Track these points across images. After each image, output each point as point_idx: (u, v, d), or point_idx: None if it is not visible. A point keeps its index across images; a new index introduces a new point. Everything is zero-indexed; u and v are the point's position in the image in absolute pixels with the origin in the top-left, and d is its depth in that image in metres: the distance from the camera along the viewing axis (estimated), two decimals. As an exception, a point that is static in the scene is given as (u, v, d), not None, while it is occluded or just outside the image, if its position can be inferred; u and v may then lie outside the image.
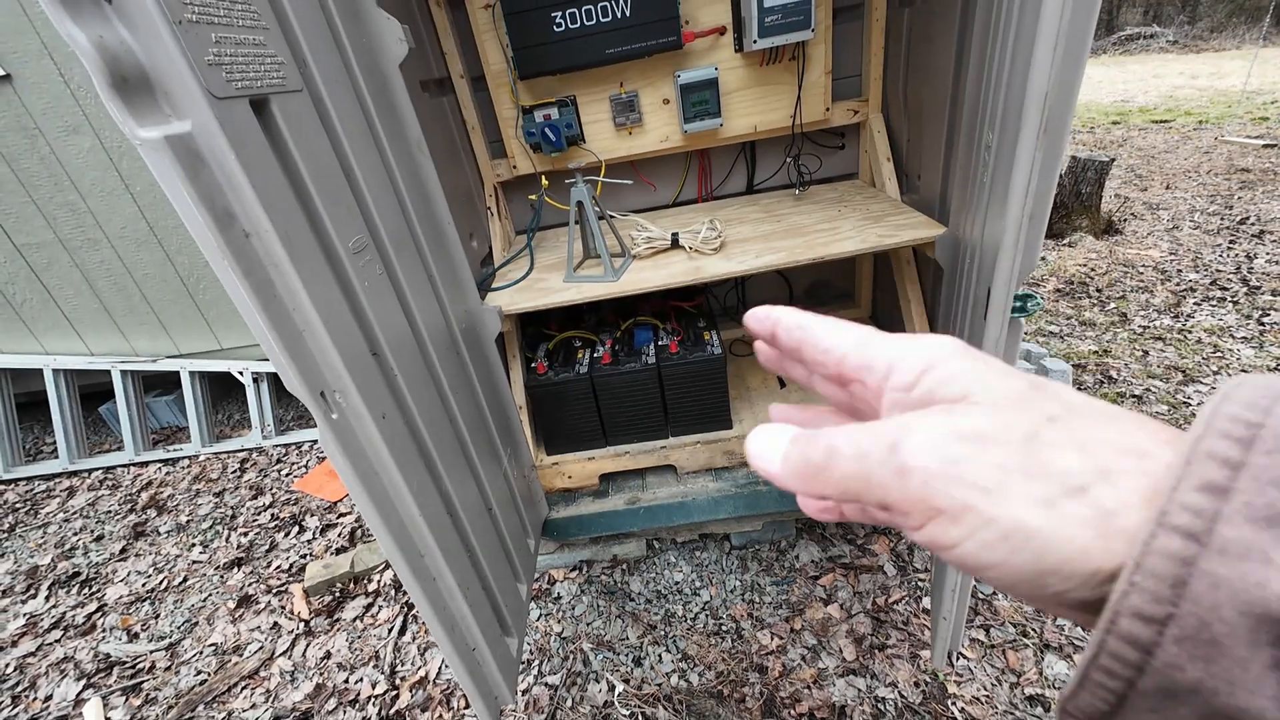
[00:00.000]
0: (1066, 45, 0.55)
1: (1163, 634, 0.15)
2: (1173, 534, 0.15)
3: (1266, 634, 0.14)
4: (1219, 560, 0.15)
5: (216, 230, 0.57)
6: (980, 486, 0.18)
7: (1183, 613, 0.15)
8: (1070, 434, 0.18)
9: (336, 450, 0.72)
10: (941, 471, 0.19)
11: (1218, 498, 0.15)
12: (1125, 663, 0.16)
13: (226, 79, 0.59)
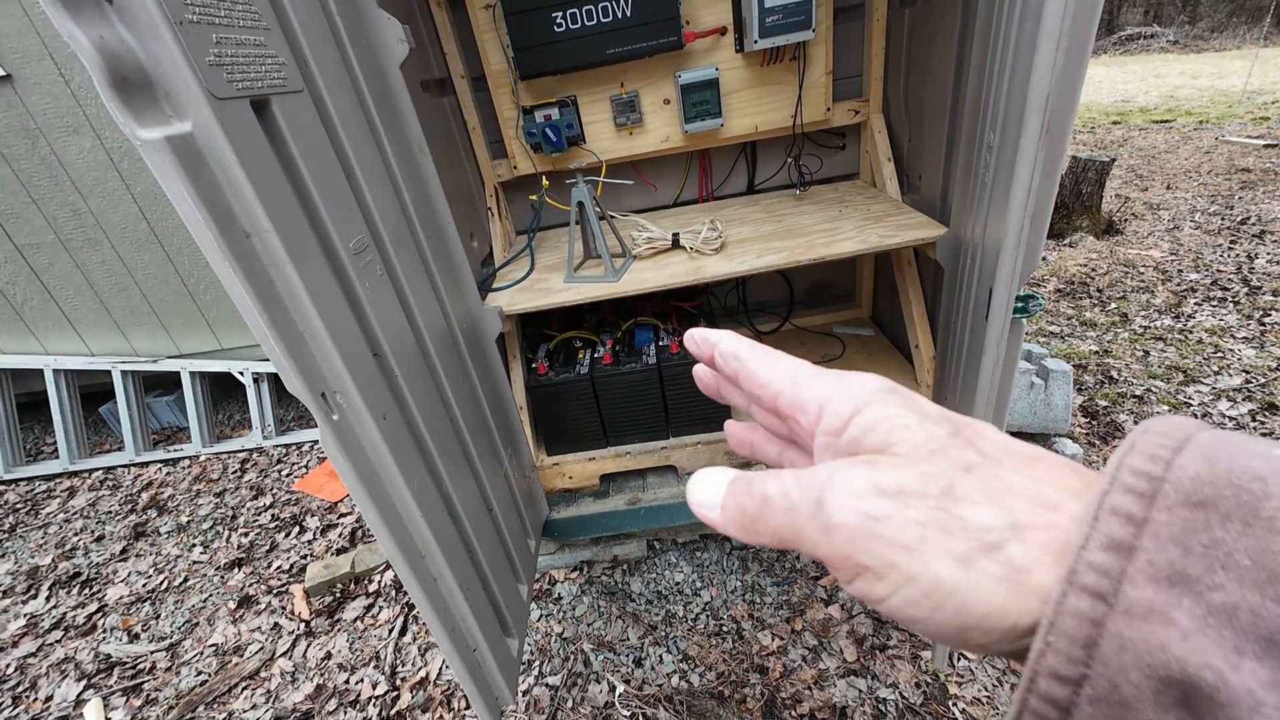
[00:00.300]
0: (1068, 48, 0.54)
1: (1078, 694, 0.15)
2: (1082, 594, 0.15)
3: (1170, 696, 0.14)
4: (1124, 621, 0.15)
5: (217, 231, 0.57)
6: (901, 544, 0.18)
7: (1095, 674, 0.15)
8: (985, 485, 0.19)
9: (337, 451, 0.72)
10: (864, 529, 0.19)
11: (1122, 556, 0.15)
12: (1040, 715, 0.16)
13: (227, 79, 0.59)
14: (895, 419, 0.21)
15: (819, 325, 1.98)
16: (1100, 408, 2.01)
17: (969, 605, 0.17)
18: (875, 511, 0.19)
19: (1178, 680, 0.14)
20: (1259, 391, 1.97)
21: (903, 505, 0.18)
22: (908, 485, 0.19)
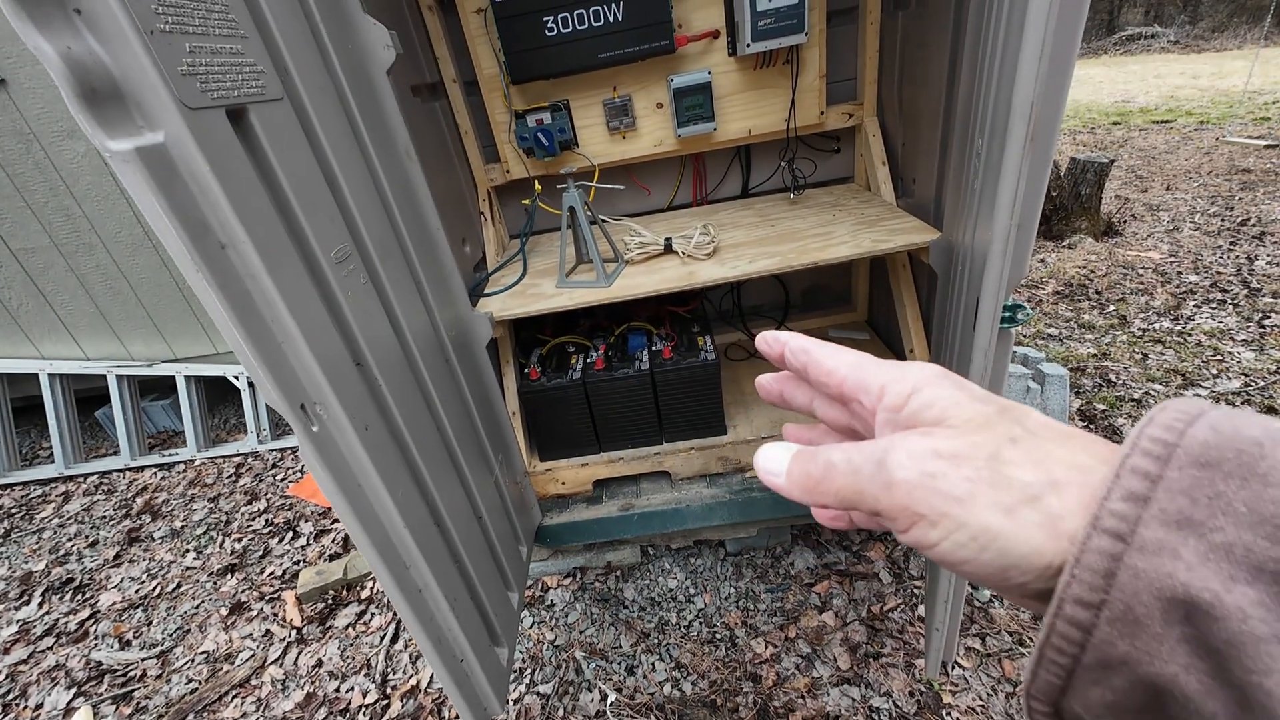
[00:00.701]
0: (1052, 55, 0.53)
1: (1098, 616, 0.18)
2: (1104, 535, 0.18)
3: (1176, 614, 0.17)
4: (1139, 556, 0.17)
5: (190, 242, 0.56)
6: (954, 496, 0.21)
7: (1112, 599, 0.18)
8: (1027, 453, 0.22)
9: (317, 463, 0.71)
10: (921, 484, 0.22)
11: (1139, 505, 0.18)
12: (1070, 641, 0.19)
13: (201, 89, 0.58)
14: (949, 398, 0.24)
15: (814, 329, 1.97)
16: (1098, 411, 2.00)
17: (1012, 547, 0.20)
18: (931, 469, 0.22)
19: (1182, 600, 0.17)
20: (1258, 395, 1.96)
21: (956, 465, 0.22)
22: (960, 450, 0.22)
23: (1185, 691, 0.17)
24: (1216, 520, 0.17)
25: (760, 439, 1.52)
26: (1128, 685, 0.18)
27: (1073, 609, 0.18)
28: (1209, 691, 0.16)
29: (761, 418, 1.59)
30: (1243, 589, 0.16)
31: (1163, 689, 0.17)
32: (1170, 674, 0.17)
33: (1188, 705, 0.17)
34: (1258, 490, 0.17)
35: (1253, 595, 0.16)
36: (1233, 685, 0.16)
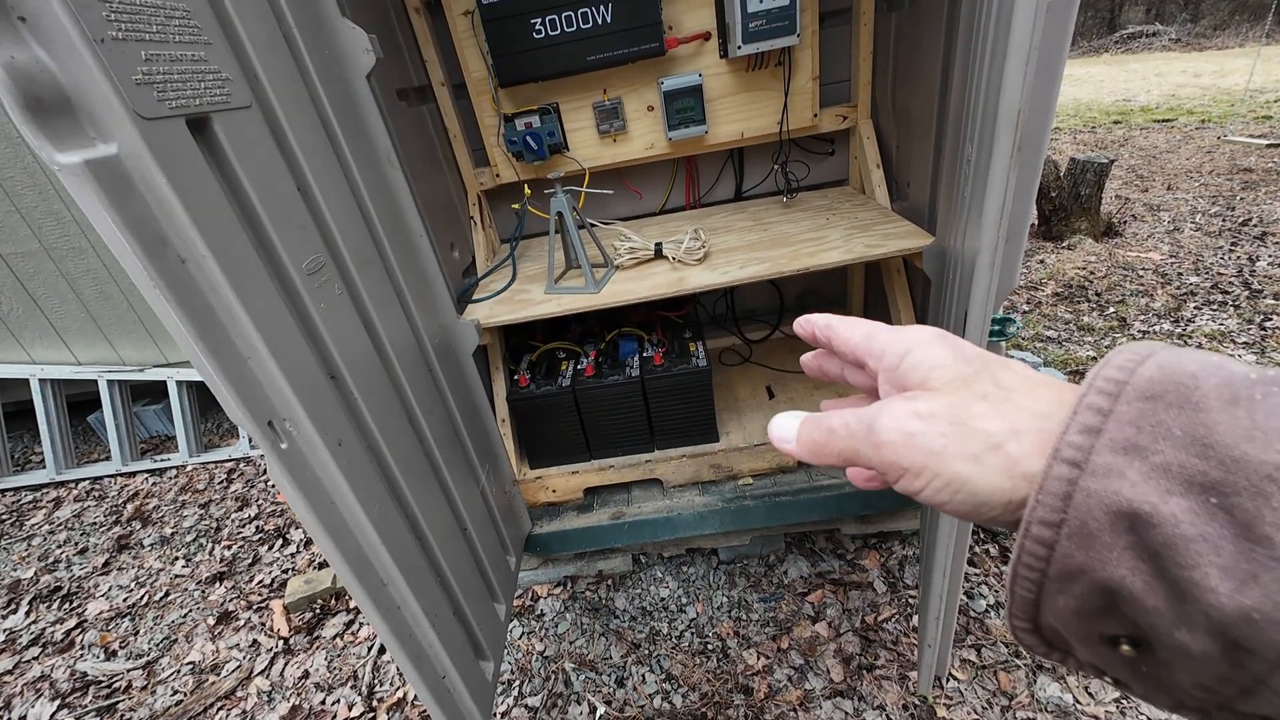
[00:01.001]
0: (1040, 61, 0.51)
1: (1059, 533, 0.21)
2: (1062, 463, 0.21)
3: (1122, 525, 0.19)
4: (1092, 479, 0.20)
5: (145, 257, 0.54)
6: (930, 450, 0.25)
7: (1070, 517, 0.20)
8: (995, 406, 0.25)
9: (286, 482, 0.69)
10: (904, 443, 0.25)
11: (1092, 436, 0.20)
12: (1038, 557, 0.21)
13: (158, 98, 0.56)
14: (934, 359, 0.27)
15: (809, 333, 1.95)
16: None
17: (979, 489, 0.24)
18: (911, 429, 0.25)
19: (1127, 513, 0.19)
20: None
21: (932, 424, 0.25)
22: (937, 410, 0.25)
23: (1132, 590, 0.19)
24: (1157, 445, 0.19)
25: (753, 446, 1.50)
26: (1087, 590, 0.21)
27: (1038, 529, 0.21)
28: (1150, 588, 0.19)
29: (754, 424, 1.57)
30: (1176, 500, 0.18)
31: (1115, 590, 0.20)
32: (1119, 577, 0.20)
33: (1134, 602, 0.19)
34: (1191, 416, 0.19)
35: (1184, 504, 0.18)
36: (1168, 580, 0.19)
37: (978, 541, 1.58)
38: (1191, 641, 0.18)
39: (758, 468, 1.51)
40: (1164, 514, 0.18)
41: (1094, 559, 0.20)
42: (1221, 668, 0.18)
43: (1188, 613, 0.18)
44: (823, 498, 1.44)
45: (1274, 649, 0.17)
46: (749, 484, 1.51)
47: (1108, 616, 0.21)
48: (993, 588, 1.46)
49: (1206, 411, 0.19)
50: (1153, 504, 0.19)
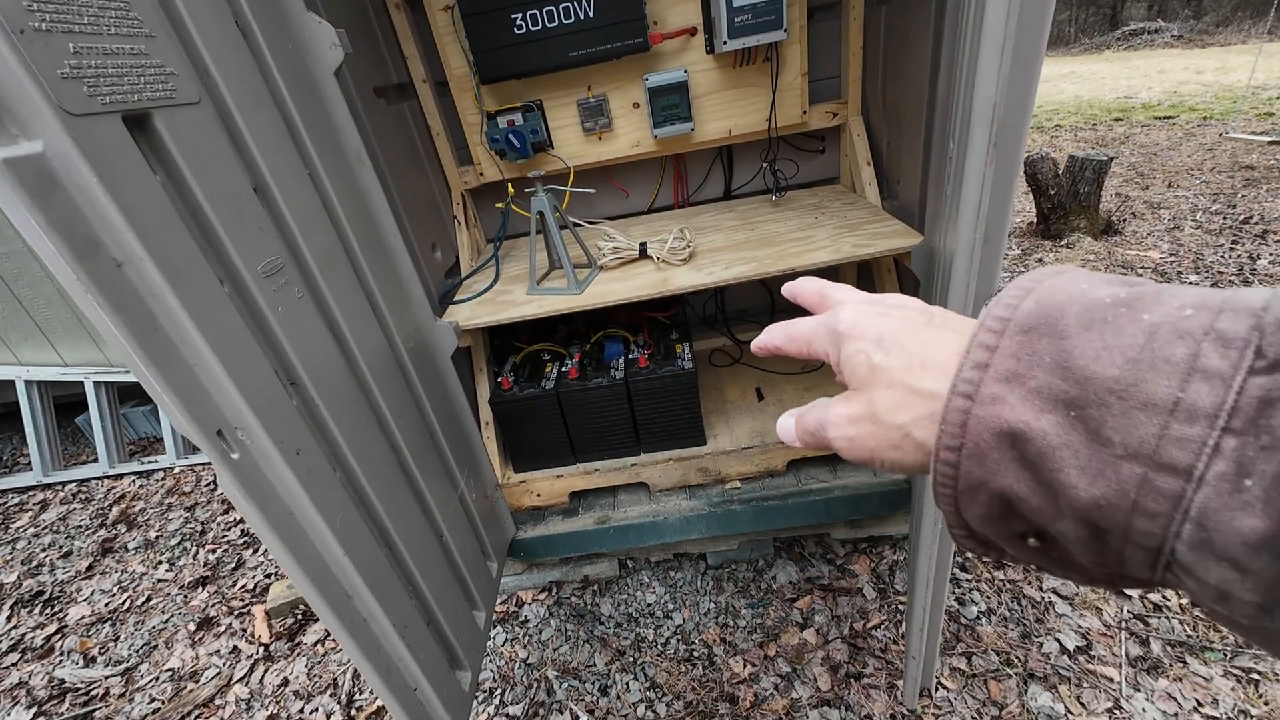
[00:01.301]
0: (1016, 51, 0.48)
1: (959, 455, 0.24)
2: (958, 397, 0.24)
3: (1006, 443, 0.22)
4: (980, 407, 0.23)
5: (75, 261, 0.52)
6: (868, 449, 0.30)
7: (967, 441, 0.23)
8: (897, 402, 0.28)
9: (238, 493, 0.67)
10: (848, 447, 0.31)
11: (981, 370, 0.23)
12: (947, 477, 0.25)
13: (89, 93, 0.53)
14: (851, 359, 0.31)
15: (801, 334, 1.92)
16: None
17: (907, 465, 0.29)
18: (850, 433, 0.30)
19: (1008, 432, 0.22)
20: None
21: (860, 427, 0.30)
22: (860, 413, 0.30)
23: (1020, 494, 0.23)
24: (1032, 371, 0.22)
25: (740, 449, 1.47)
26: (988, 499, 0.24)
27: (945, 454, 0.24)
28: (1032, 491, 0.22)
29: (743, 427, 1.54)
30: (1046, 417, 0.21)
31: (1008, 496, 0.23)
32: (1008, 484, 0.23)
33: (1023, 504, 0.23)
34: (1056, 344, 0.22)
35: (1052, 420, 0.21)
36: (1044, 483, 0.22)
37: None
38: (1069, 529, 0.22)
39: (745, 471, 1.48)
40: (1036, 430, 0.22)
41: (988, 472, 0.23)
42: (1094, 547, 0.22)
43: (1060, 507, 0.22)
44: (811, 502, 1.41)
45: (1120, 528, 0.20)
46: (736, 488, 1.48)
47: (1011, 518, 0.24)
48: (984, 593, 1.44)
49: (1068, 338, 0.22)
50: (1027, 422, 0.22)
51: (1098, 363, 0.20)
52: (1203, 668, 1.22)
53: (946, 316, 0.30)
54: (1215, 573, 0.18)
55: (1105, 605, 1.37)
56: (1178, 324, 0.19)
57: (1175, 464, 0.18)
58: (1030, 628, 1.35)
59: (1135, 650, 1.27)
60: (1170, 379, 0.19)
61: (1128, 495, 0.19)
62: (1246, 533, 0.17)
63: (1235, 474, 0.17)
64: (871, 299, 0.33)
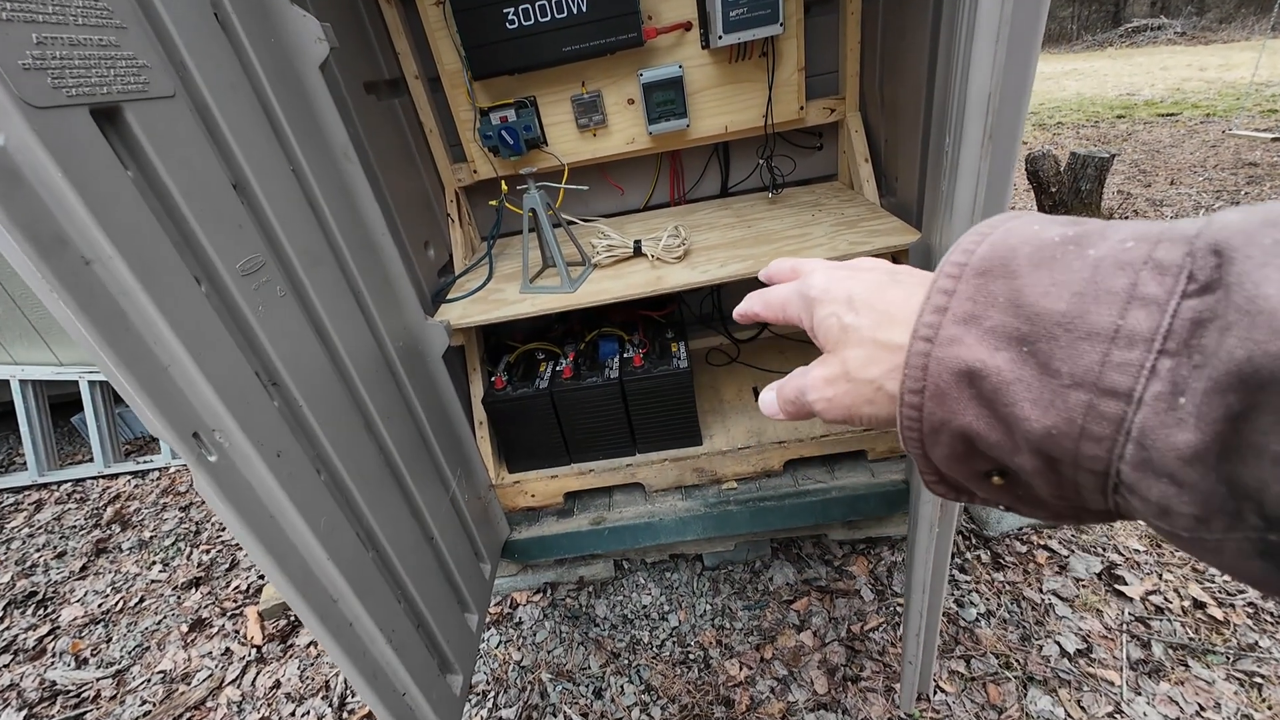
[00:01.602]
0: (1011, 41, 0.46)
1: (923, 397, 0.25)
2: (919, 341, 0.25)
3: (964, 381, 0.23)
4: (941, 349, 0.24)
5: (39, 258, 0.50)
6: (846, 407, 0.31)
7: (929, 382, 0.24)
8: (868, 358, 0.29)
9: (216, 496, 0.65)
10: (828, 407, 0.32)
11: (940, 314, 0.24)
12: (913, 420, 0.26)
13: (53, 85, 0.51)
14: (824, 322, 0.32)
15: (799, 332, 1.90)
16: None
17: (879, 418, 0.30)
18: (828, 394, 0.31)
19: (966, 370, 0.23)
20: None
21: (836, 386, 0.31)
22: (834, 374, 0.31)
23: (979, 431, 0.23)
24: (987, 312, 0.23)
25: (737, 449, 1.46)
26: (951, 438, 0.25)
27: (909, 397, 0.25)
28: (991, 427, 0.23)
29: (739, 427, 1.53)
30: (1001, 354, 0.22)
31: (969, 434, 0.24)
32: (968, 422, 0.24)
33: (984, 440, 0.24)
34: (1009, 284, 0.22)
35: (1006, 356, 0.22)
36: (1000, 418, 0.22)
37: (969, 548, 1.54)
38: (1026, 463, 0.23)
39: (742, 471, 1.47)
40: (991, 366, 0.22)
41: (949, 412, 0.24)
42: (1052, 479, 0.22)
43: (1016, 440, 0.22)
44: (808, 503, 1.39)
45: (1070, 455, 0.21)
46: (733, 488, 1.47)
47: (974, 457, 0.25)
48: (984, 595, 1.42)
49: (1020, 277, 0.22)
50: (983, 360, 0.23)
51: (1046, 298, 0.21)
52: (1205, 671, 1.21)
53: (912, 272, 0.31)
54: (1156, 489, 0.19)
55: (1106, 608, 1.35)
56: (1119, 256, 0.20)
57: (1116, 388, 0.19)
58: (1030, 630, 1.33)
59: (1136, 653, 1.26)
60: (1111, 308, 0.20)
61: (1075, 422, 0.20)
62: (1181, 447, 0.18)
63: (1170, 393, 0.18)
64: (841, 264, 0.34)
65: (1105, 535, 1.52)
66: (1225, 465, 0.17)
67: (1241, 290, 0.17)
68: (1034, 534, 1.56)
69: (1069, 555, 1.48)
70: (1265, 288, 0.16)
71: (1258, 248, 0.17)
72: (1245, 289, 0.17)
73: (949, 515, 0.78)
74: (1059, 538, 1.53)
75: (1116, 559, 1.45)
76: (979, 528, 1.59)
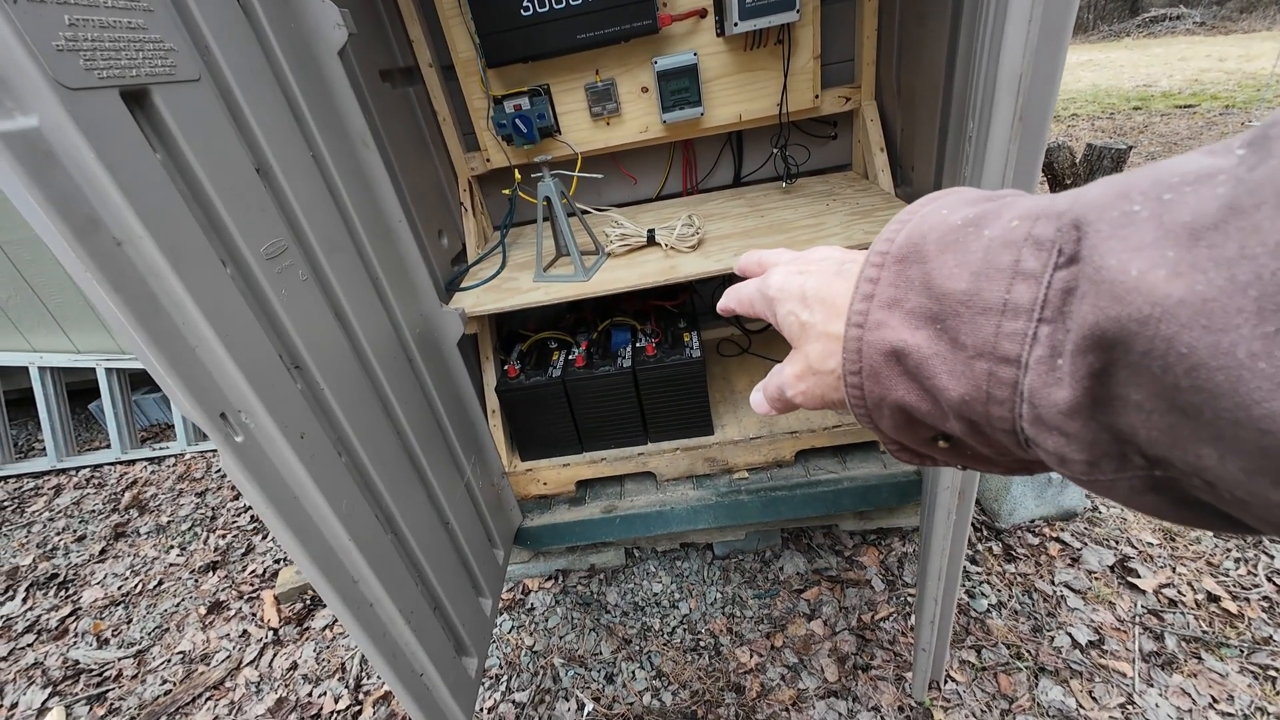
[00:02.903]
0: (1044, 18, 0.46)
1: (860, 377, 0.27)
2: (852, 327, 0.27)
3: (892, 360, 0.26)
4: (870, 332, 0.26)
5: (74, 238, 0.51)
6: (818, 396, 0.33)
7: (864, 364, 0.27)
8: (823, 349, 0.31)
9: (242, 476, 0.66)
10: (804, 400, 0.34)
11: (868, 301, 0.27)
12: (856, 398, 0.28)
13: (85, 67, 0.52)
14: (785, 320, 0.34)
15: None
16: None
17: (838, 401, 0.32)
18: (801, 388, 0.33)
19: (893, 351, 0.25)
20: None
21: (805, 380, 0.33)
22: (802, 368, 0.33)
23: (911, 403, 0.26)
24: (907, 295, 0.25)
25: (749, 440, 1.46)
26: (890, 411, 0.27)
27: (850, 378, 0.28)
28: (920, 398, 0.25)
29: (751, 417, 1.53)
30: (920, 332, 0.24)
31: (904, 406, 0.26)
32: (901, 395, 0.26)
33: (917, 410, 0.26)
34: (922, 268, 0.24)
35: (924, 334, 0.24)
36: (925, 390, 0.25)
37: (980, 540, 1.54)
38: (955, 427, 0.25)
39: (753, 461, 1.47)
40: (912, 344, 0.24)
41: (883, 388, 0.26)
42: (980, 439, 0.24)
43: (943, 409, 0.24)
44: (819, 493, 1.39)
45: (984, 418, 0.23)
46: (744, 478, 1.47)
47: (915, 425, 0.27)
48: (995, 587, 1.42)
49: (930, 262, 0.24)
50: (904, 340, 0.25)
51: (951, 280, 0.23)
52: (1218, 664, 1.20)
53: (856, 260, 0.33)
54: (1051, 441, 0.21)
55: (1119, 600, 1.35)
56: (1006, 235, 0.22)
57: (1008, 355, 0.21)
58: (1041, 621, 1.33)
59: (1149, 645, 1.25)
60: (1000, 284, 0.21)
61: (982, 389, 0.22)
62: (1060, 403, 0.20)
63: (1049, 356, 0.20)
64: (796, 257, 0.37)
65: (1118, 528, 1.51)
66: (1101, 416, 0.19)
67: (1090, 261, 0.19)
68: (1046, 526, 1.55)
69: (1081, 548, 1.47)
70: (1108, 259, 0.18)
71: (1106, 222, 0.19)
72: (1093, 260, 0.19)
73: (966, 503, 0.78)
74: (1072, 530, 1.53)
75: (1129, 552, 1.45)
76: (991, 519, 1.59)
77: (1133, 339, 0.17)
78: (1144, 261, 0.17)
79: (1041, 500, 1.57)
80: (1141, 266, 0.17)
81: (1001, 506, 1.58)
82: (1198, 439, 0.17)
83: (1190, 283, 0.16)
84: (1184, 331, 0.16)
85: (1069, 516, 1.57)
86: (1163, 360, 0.17)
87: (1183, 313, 0.16)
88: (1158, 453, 0.18)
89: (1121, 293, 0.18)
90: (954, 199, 0.26)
